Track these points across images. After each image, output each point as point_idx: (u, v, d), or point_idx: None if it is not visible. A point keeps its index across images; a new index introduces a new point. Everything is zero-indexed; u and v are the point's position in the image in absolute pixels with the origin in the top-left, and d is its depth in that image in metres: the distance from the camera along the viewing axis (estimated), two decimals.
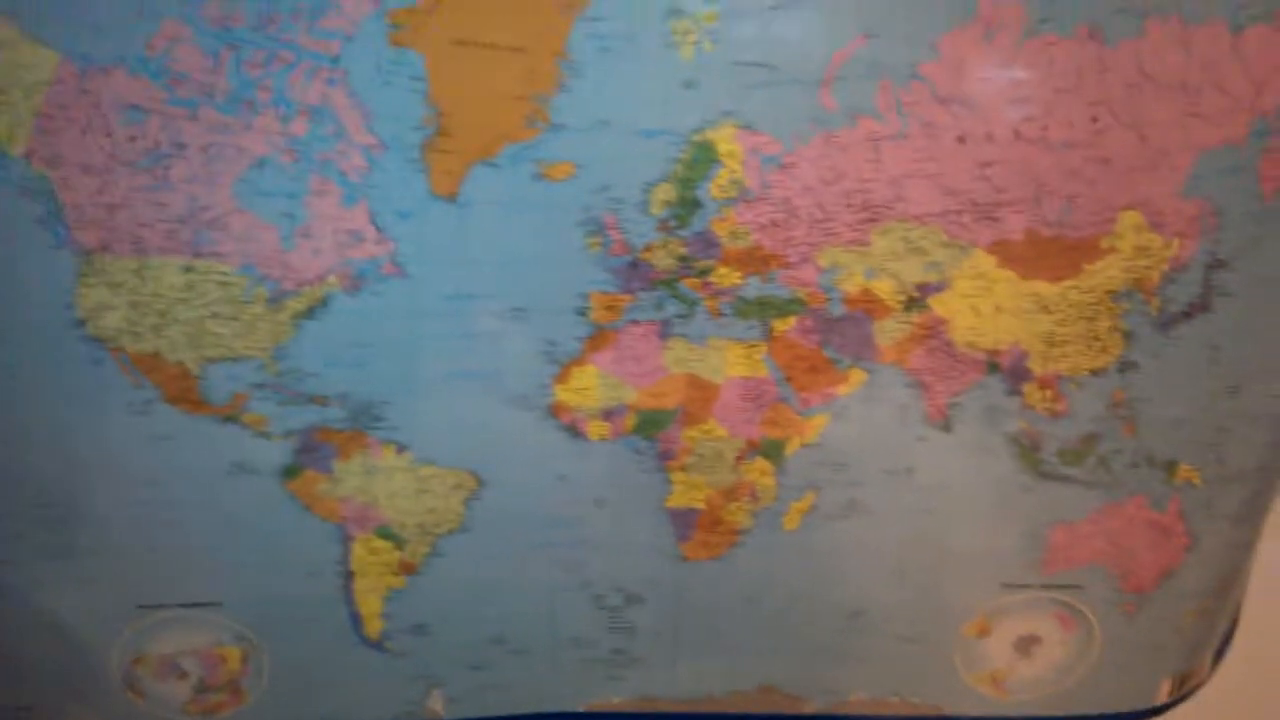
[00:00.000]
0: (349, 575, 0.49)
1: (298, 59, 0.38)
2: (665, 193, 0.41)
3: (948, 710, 0.55)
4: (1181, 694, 0.57)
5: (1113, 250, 0.43)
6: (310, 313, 0.42)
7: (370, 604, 0.50)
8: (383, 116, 0.39)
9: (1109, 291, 0.44)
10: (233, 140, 0.39)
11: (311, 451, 0.45)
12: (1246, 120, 0.41)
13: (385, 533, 0.48)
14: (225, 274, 0.41)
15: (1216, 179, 0.42)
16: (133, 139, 0.38)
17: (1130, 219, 0.43)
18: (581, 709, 0.55)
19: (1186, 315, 0.45)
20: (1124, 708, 0.56)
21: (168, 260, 0.41)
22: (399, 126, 0.39)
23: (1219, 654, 0.58)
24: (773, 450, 0.48)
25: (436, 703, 0.53)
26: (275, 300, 0.42)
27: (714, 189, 0.42)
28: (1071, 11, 0.39)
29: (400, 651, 0.51)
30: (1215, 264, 0.44)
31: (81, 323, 0.42)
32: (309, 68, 0.38)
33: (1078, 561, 0.51)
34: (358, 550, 0.48)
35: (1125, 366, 0.46)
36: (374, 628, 0.50)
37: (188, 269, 0.41)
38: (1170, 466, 0.49)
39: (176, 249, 0.40)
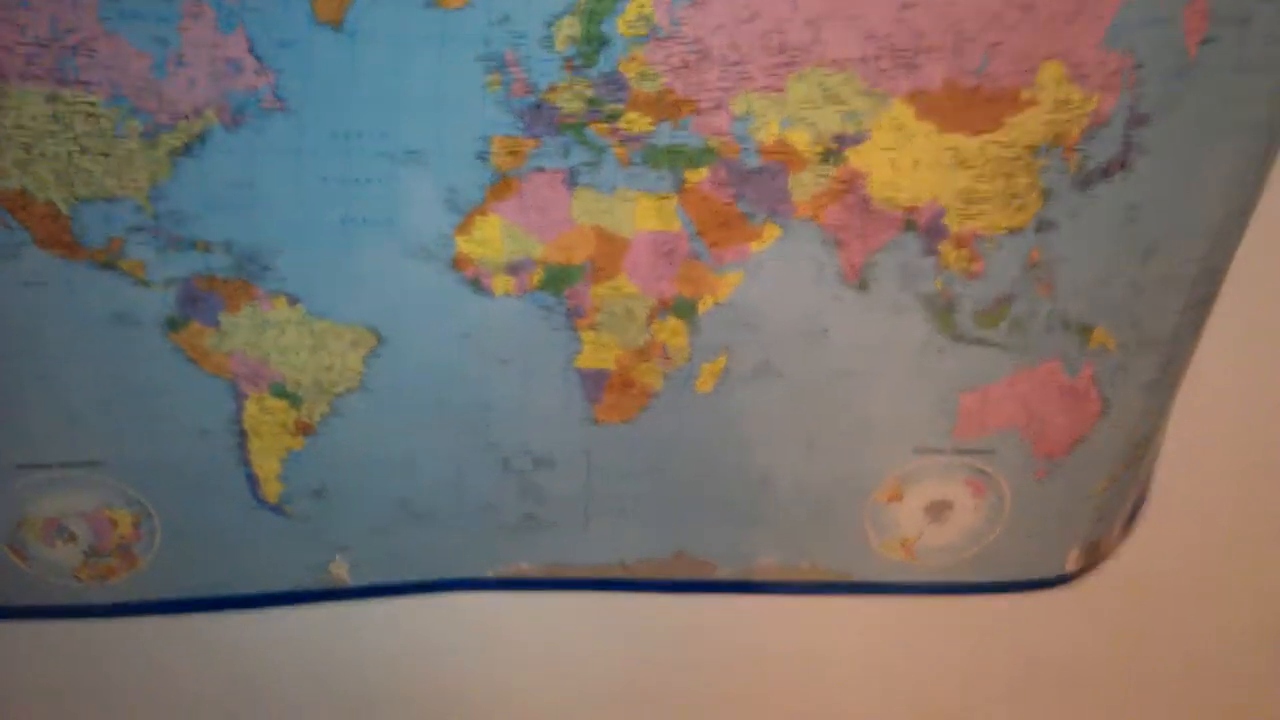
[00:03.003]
0: (243, 435, 0.47)
1: None
2: (570, 27, 0.39)
3: (856, 576, 0.55)
4: (1090, 563, 0.57)
5: (1033, 103, 0.42)
6: (187, 149, 0.40)
7: (267, 465, 0.48)
8: None
9: (1028, 146, 0.43)
10: None
11: (196, 302, 0.43)
12: None
13: (280, 391, 0.46)
14: (94, 105, 0.38)
15: (1138, 30, 0.41)
16: None
17: (1051, 70, 0.41)
18: (490, 575, 0.54)
19: (1105, 173, 0.44)
20: (1032, 575, 0.56)
21: (30, 89, 0.38)
22: None
23: (1127, 526, 0.58)
24: (685, 309, 0.46)
25: (340, 568, 0.52)
26: (149, 135, 0.39)
27: (622, 25, 0.39)
28: None
29: (300, 515, 0.50)
30: (1135, 119, 0.43)
31: None
32: None
33: (991, 426, 0.50)
34: (251, 409, 0.46)
35: (1043, 225, 0.45)
36: (272, 490, 0.49)
37: (52, 98, 0.38)
38: (1085, 331, 0.48)
39: (39, 76, 0.37)
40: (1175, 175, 0.45)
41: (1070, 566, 0.56)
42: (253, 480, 0.48)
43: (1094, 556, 0.57)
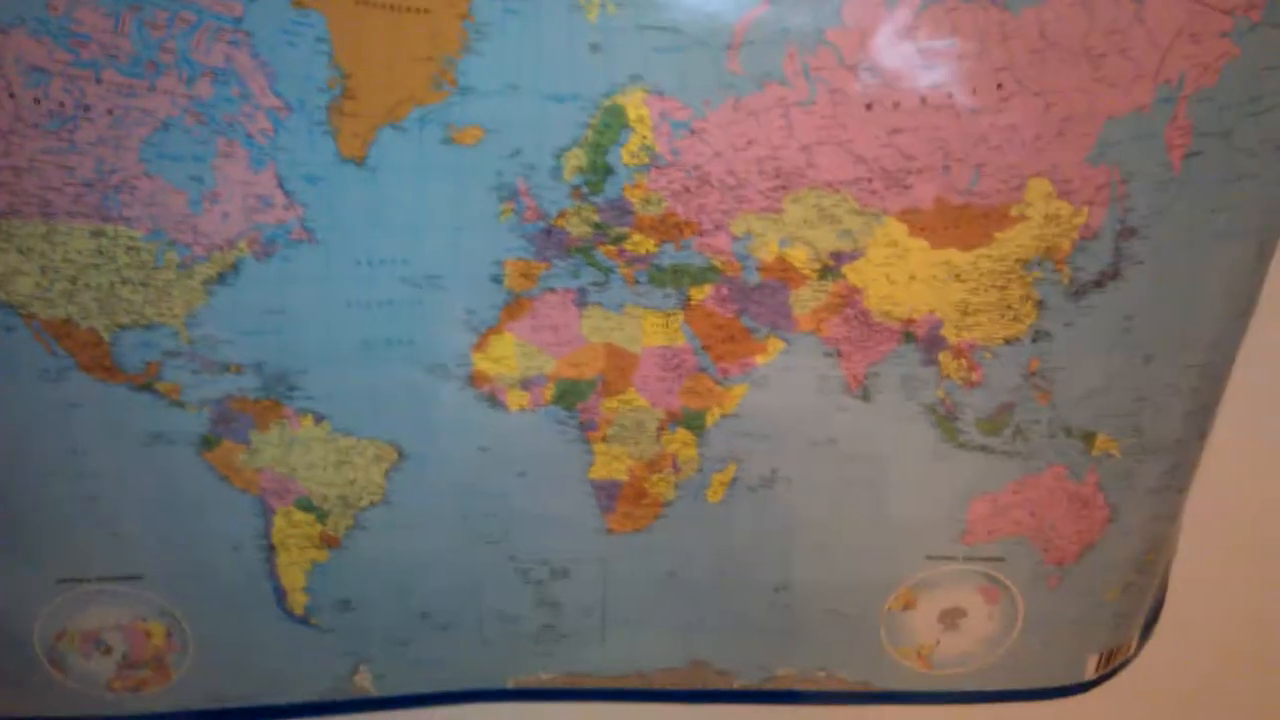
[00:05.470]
0: (271, 549, 0.49)
1: (200, 20, 0.38)
2: (577, 158, 0.42)
3: (875, 685, 0.55)
4: (1108, 670, 0.57)
5: (1023, 218, 0.44)
6: (221, 279, 0.42)
7: (293, 578, 0.50)
8: (287, 78, 0.39)
9: (1020, 260, 0.45)
10: (137, 103, 0.39)
11: (228, 421, 0.45)
12: (1152, 87, 0.42)
13: (305, 505, 0.48)
14: (134, 239, 0.41)
15: (1124, 146, 0.43)
16: (37, 101, 0.38)
17: (1039, 186, 0.43)
18: (510, 685, 0.55)
19: (1097, 284, 0.46)
20: (1051, 683, 0.56)
21: (76, 225, 0.41)
22: (304, 88, 0.39)
23: (1146, 631, 0.58)
24: (694, 420, 0.48)
25: (364, 679, 0.53)
26: (186, 266, 0.42)
27: (625, 155, 0.42)
28: None
29: (325, 627, 0.51)
30: (1125, 232, 0.45)
31: None
32: (212, 29, 0.38)
33: (999, 533, 0.51)
34: (278, 523, 0.48)
35: (1038, 335, 0.46)
36: (298, 602, 0.50)
37: (97, 234, 0.41)
38: (1088, 437, 0.49)
39: (85, 213, 0.40)
40: (1168, 284, 0.46)
41: (1089, 674, 0.56)
42: (280, 593, 0.50)
43: (1113, 663, 0.57)
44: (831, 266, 0.45)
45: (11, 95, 0.38)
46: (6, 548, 0.48)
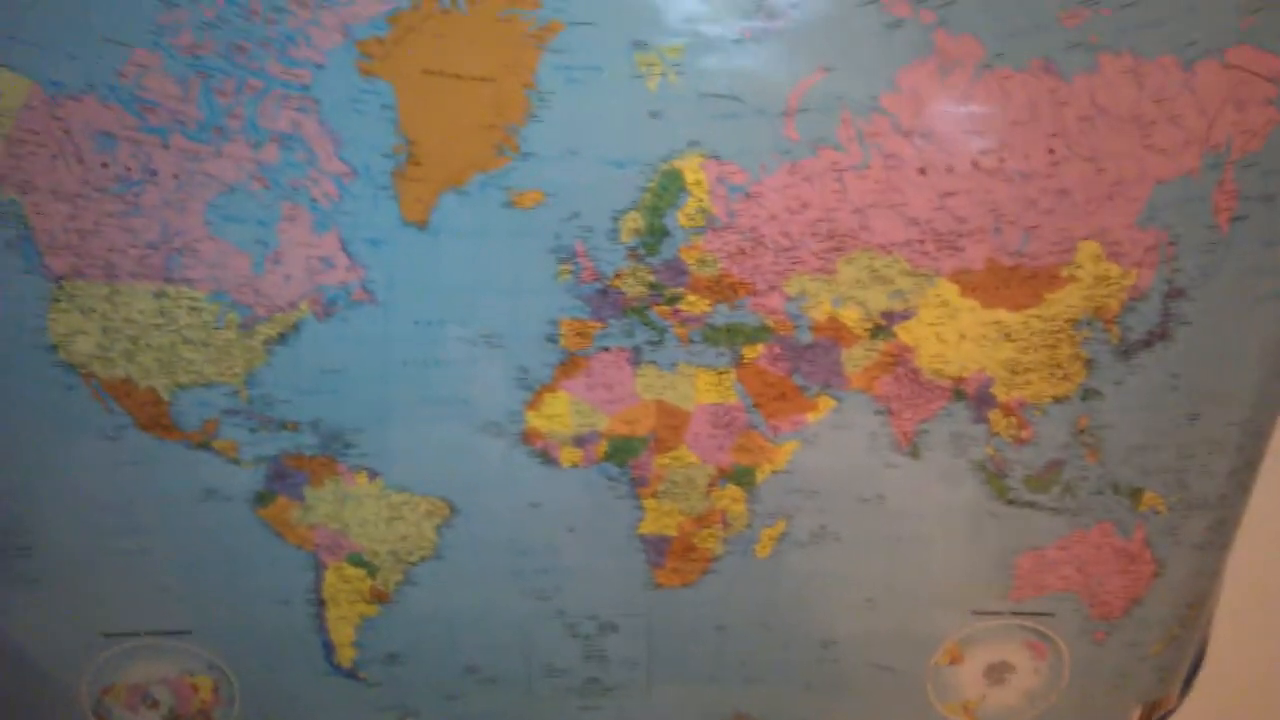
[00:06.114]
0: (321, 603, 0.49)
1: (268, 87, 0.38)
2: (634, 221, 0.42)
3: None
4: None
5: (1072, 279, 0.44)
6: (282, 339, 0.43)
7: (342, 632, 0.50)
8: (353, 144, 0.39)
9: (1070, 320, 0.45)
10: (204, 167, 0.39)
11: (283, 478, 0.46)
12: (1199, 152, 0.42)
13: (357, 560, 0.48)
14: (197, 300, 0.42)
15: (1172, 210, 0.43)
16: (104, 165, 0.39)
17: (1089, 249, 0.44)
18: None
19: (1146, 344, 0.46)
20: None
21: (139, 286, 0.41)
22: (369, 154, 0.40)
23: (1187, 683, 0.58)
24: (744, 477, 0.48)
25: None
26: (247, 326, 0.42)
27: (682, 218, 0.42)
28: (1026, 46, 0.40)
29: (373, 681, 0.51)
30: (1173, 293, 0.45)
31: (53, 348, 0.42)
32: (279, 96, 0.38)
33: (1047, 588, 0.51)
34: (330, 578, 0.48)
35: (1088, 394, 0.47)
36: (346, 656, 0.50)
37: (159, 295, 0.41)
38: (1135, 493, 0.49)
39: (148, 275, 0.41)
40: (1215, 344, 0.46)
41: None
42: (329, 647, 0.50)
43: (1154, 716, 0.57)
44: (883, 326, 0.45)
45: (80, 160, 0.39)
46: (55, 601, 0.48)
